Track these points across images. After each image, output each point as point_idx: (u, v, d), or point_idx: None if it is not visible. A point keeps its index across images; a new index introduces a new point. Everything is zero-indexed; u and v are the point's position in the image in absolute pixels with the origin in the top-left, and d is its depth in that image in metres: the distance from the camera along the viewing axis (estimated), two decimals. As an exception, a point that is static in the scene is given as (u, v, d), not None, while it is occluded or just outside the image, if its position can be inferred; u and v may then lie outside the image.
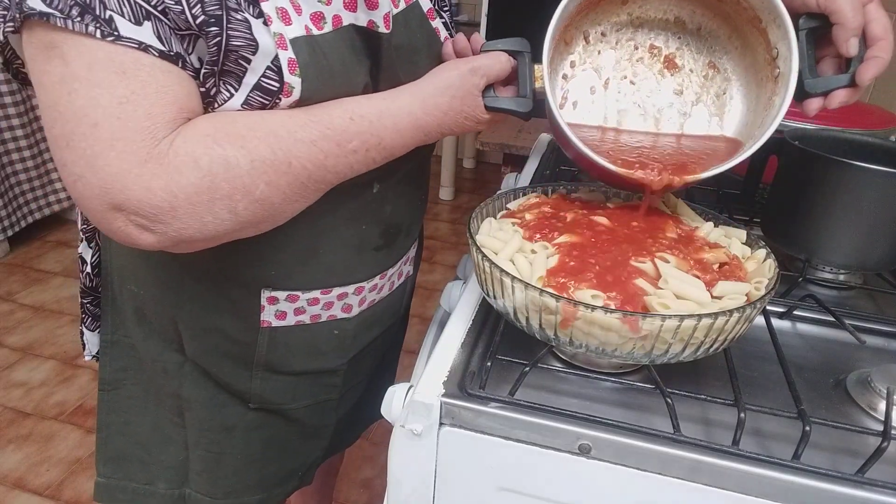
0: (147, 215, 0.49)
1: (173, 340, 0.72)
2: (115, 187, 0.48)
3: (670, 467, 0.49)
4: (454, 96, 0.61)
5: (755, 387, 0.59)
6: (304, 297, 0.69)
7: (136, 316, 0.72)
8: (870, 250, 0.71)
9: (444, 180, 3.29)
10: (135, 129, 0.48)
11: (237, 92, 0.53)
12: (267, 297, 0.67)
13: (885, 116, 0.93)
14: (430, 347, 0.74)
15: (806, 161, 0.72)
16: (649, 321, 0.48)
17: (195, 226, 0.51)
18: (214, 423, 0.75)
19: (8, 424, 1.68)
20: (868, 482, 0.47)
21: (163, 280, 0.68)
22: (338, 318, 0.73)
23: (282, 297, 0.68)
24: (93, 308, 0.77)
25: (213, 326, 0.69)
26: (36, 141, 2.48)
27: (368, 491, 1.54)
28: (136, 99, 0.48)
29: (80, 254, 0.74)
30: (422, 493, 0.57)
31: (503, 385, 0.55)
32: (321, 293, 0.69)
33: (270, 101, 0.54)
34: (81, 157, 0.48)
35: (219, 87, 0.53)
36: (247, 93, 0.53)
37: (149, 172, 0.48)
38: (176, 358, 0.72)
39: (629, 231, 0.62)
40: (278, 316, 0.69)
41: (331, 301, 0.71)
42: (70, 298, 2.23)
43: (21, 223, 2.48)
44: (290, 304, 0.69)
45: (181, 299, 0.68)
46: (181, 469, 0.79)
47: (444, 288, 0.81)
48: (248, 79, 0.53)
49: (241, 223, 0.53)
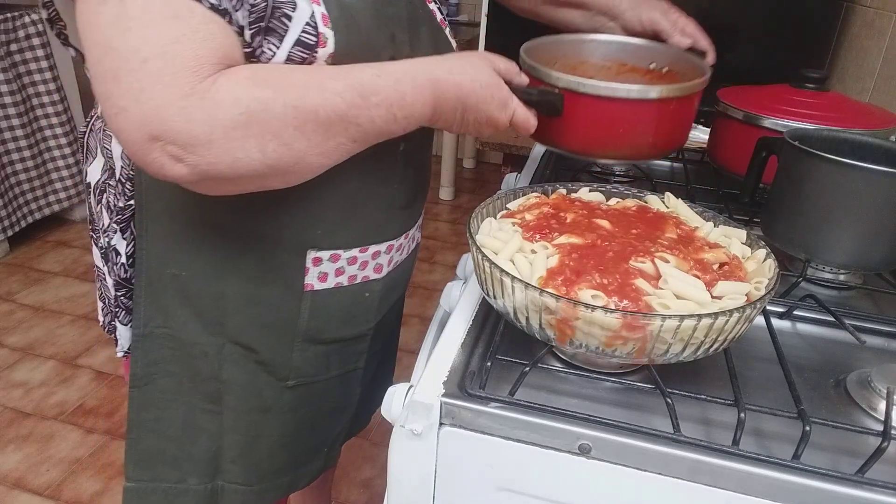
0: (184, 145, 0.52)
1: (215, 321, 0.73)
2: (157, 118, 0.51)
3: (670, 467, 0.49)
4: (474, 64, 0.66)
5: (755, 387, 0.59)
6: (344, 255, 0.73)
7: (178, 300, 0.73)
8: (870, 250, 0.71)
9: (444, 180, 3.29)
10: (182, 67, 0.51)
11: (279, 49, 0.58)
12: (312, 259, 0.71)
13: (885, 116, 0.93)
14: (430, 347, 0.74)
15: (806, 161, 0.72)
16: (649, 321, 0.48)
17: (227, 160, 0.54)
18: (252, 405, 0.77)
19: (8, 424, 1.68)
20: (868, 482, 0.47)
21: (207, 257, 0.70)
22: (370, 279, 0.78)
23: (325, 257, 0.72)
24: (126, 301, 0.76)
25: (258, 297, 0.72)
26: (36, 141, 2.47)
27: (368, 491, 1.54)
28: (185, 41, 0.51)
29: (114, 246, 0.73)
30: (422, 493, 0.57)
31: (503, 385, 0.55)
32: (359, 251, 0.74)
33: (309, 55, 0.59)
34: (128, 91, 0.51)
35: (262, 46, 0.58)
36: (288, 49, 0.58)
37: (192, 105, 0.51)
38: (216, 340, 0.74)
39: (629, 231, 0.62)
40: (320, 278, 0.73)
41: (366, 260, 0.76)
42: (70, 298, 2.23)
43: (21, 223, 2.48)
44: (332, 265, 0.73)
45: (226, 272, 0.71)
46: (212, 461, 0.80)
47: (444, 288, 0.81)
48: (289, 36, 0.58)
49: (268, 166, 0.56)
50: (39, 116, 2.48)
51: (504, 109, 0.68)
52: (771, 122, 0.91)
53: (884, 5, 1.45)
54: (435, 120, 0.66)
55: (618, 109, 0.72)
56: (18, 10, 2.35)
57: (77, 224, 2.75)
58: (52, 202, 2.60)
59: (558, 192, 0.71)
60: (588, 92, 0.71)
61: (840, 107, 0.94)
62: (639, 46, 0.87)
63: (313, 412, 0.82)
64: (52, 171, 2.57)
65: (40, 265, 2.43)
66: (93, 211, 0.77)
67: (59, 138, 2.54)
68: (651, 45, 0.87)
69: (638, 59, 0.87)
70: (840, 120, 0.89)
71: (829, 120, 0.89)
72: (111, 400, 1.78)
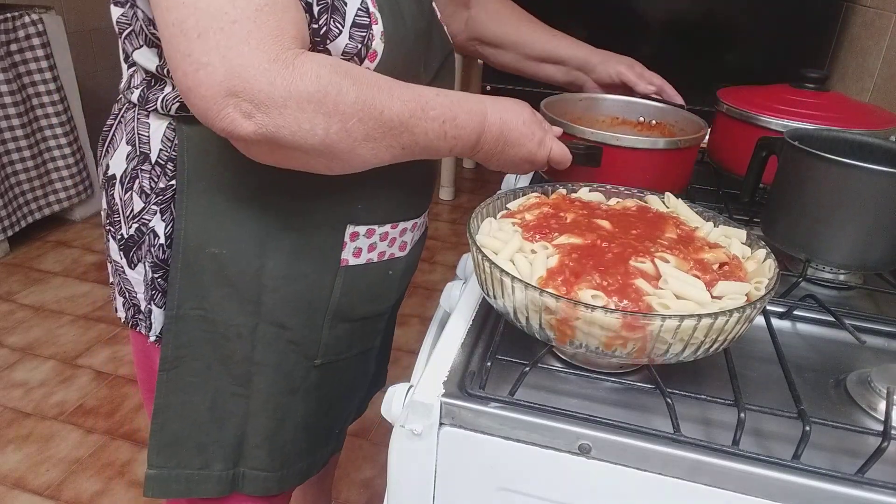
0: (259, 104, 0.56)
1: (251, 300, 0.75)
2: (241, 76, 0.55)
3: (670, 467, 0.49)
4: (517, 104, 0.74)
5: (755, 387, 0.59)
6: (378, 231, 0.79)
7: (215, 280, 0.74)
8: (870, 250, 0.71)
9: (444, 180, 3.29)
10: (268, 33, 0.55)
11: (343, 28, 0.63)
12: (350, 233, 0.76)
13: (885, 116, 0.93)
14: (430, 347, 0.74)
15: (806, 161, 0.72)
16: (649, 321, 0.48)
17: (292, 128, 0.57)
18: (281, 387, 0.80)
19: (8, 424, 1.68)
20: (868, 482, 0.47)
21: (248, 235, 0.73)
22: (395, 256, 0.82)
23: (362, 232, 0.77)
24: (163, 283, 0.77)
25: (296, 273, 0.75)
26: (36, 141, 2.48)
27: (368, 491, 1.54)
28: (269, 10, 0.56)
29: (152, 228, 0.74)
30: (422, 493, 0.57)
31: (503, 385, 0.55)
32: (391, 227, 0.80)
33: (365, 35, 0.64)
34: (215, 48, 0.54)
35: (329, 25, 0.62)
36: (349, 28, 0.63)
37: (276, 70, 0.55)
38: (251, 321, 0.76)
39: (629, 231, 0.62)
40: (355, 254, 0.78)
41: (395, 237, 0.81)
42: (70, 298, 2.23)
43: (21, 223, 2.48)
44: (367, 240, 0.78)
45: (267, 249, 0.73)
46: (237, 447, 0.82)
47: (444, 288, 0.81)
48: (348, 15, 0.63)
49: (326, 145, 0.60)
50: (39, 116, 2.48)
51: (542, 146, 0.76)
52: (771, 122, 0.91)
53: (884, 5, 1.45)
54: (478, 149, 0.71)
55: (647, 158, 0.87)
56: (18, 10, 2.35)
57: (77, 224, 2.75)
58: (52, 202, 2.60)
59: (558, 192, 0.71)
60: (623, 145, 0.86)
61: (840, 107, 0.94)
62: (629, 102, 1.04)
63: (333, 392, 0.86)
64: (52, 171, 2.57)
65: (40, 265, 2.43)
66: (114, 202, 0.77)
67: (59, 138, 2.54)
68: (639, 102, 1.04)
69: (629, 114, 1.04)
70: (840, 120, 0.89)
71: (829, 120, 0.89)
72: (111, 400, 1.78)
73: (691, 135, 0.90)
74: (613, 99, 1.06)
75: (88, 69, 3.26)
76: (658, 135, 1.02)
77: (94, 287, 2.31)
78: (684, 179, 0.94)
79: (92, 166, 2.75)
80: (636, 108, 1.05)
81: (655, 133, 1.03)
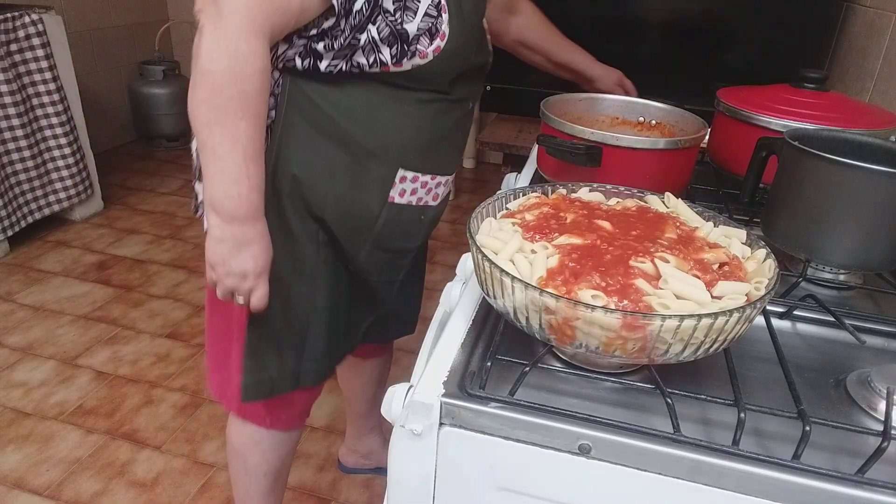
0: None
1: (317, 217, 0.92)
2: None
3: (670, 467, 0.49)
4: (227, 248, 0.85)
5: (755, 387, 0.59)
6: (421, 178, 0.93)
7: (294, 193, 0.91)
8: (870, 250, 0.71)
9: (444, 180, 3.28)
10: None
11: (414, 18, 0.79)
12: (400, 176, 0.91)
13: (885, 116, 0.93)
14: (430, 347, 0.74)
15: (806, 161, 0.72)
16: (649, 321, 0.48)
17: None
18: (333, 281, 0.98)
19: (8, 424, 1.68)
20: (868, 482, 0.47)
21: (324, 162, 0.89)
22: (428, 204, 0.97)
23: (409, 177, 0.92)
24: None
25: (354, 199, 0.91)
26: (36, 141, 2.47)
27: (368, 491, 1.54)
28: None
29: None
30: (422, 493, 0.57)
31: (503, 385, 0.55)
32: (430, 178, 0.95)
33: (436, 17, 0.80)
34: None
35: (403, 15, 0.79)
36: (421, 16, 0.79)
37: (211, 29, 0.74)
38: (314, 226, 0.93)
39: (629, 232, 0.62)
40: (400, 194, 0.93)
41: (431, 187, 0.96)
42: (70, 298, 2.23)
43: (21, 223, 2.48)
44: (412, 185, 0.93)
45: (336, 177, 0.90)
46: (301, 345, 1.00)
47: (444, 288, 0.81)
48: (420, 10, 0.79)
49: None
50: (39, 116, 2.48)
51: (236, 278, 0.86)
52: (771, 122, 0.91)
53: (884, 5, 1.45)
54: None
55: (647, 158, 0.88)
56: (18, 10, 2.35)
57: (77, 224, 2.75)
58: (52, 202, 2.60)
59: (558, 192, 0.71)
60: (623, 145, 0.86)
61: (840, 107, 0.94)
62: (629, 102, 1.07)
63: (361, 295, 1.04)
64: (52, 171, 2.57)
65: (40, 265, 2.43)
66: None
67: (59, 138, 2.54)
68: (639, 102, 1.06)
69: (629, 114, 1.06)
70: (840, 120, 0.89)
71: (829, 120, 0.89)
72: (111, 400, 1.78)
73: (691, 135, 0.90)
74: (613, 99, 1.07)
75: (88, 69, 3.26)
76: (658, 135, 1.02)
77: (94, 287, 2.31)
78: (684, 179, 0.94)
79: (92, 166, 2.74)
80: (636, 108, 1.05)
81: (655, 133, 1.03)
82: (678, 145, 0.87)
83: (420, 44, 0.81)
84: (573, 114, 1.03)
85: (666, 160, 0.89)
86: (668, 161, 0.89)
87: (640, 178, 0.87)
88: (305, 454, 1.62)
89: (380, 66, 0.82)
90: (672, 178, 0.90)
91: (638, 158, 0.87)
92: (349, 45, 0.80)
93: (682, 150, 0.88)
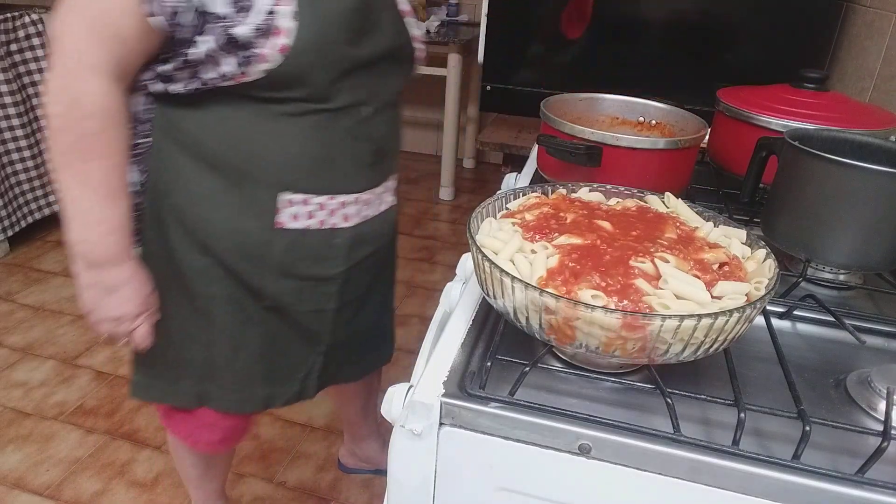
0: None
1: (204, 246, 0.87)
2: None
3: (670, 467, 0.49)
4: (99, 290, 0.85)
5: (755, 387, 0.59)
6: (316, 200, 0.86)
7: (177, 224, 0.86)
8: (870, 250, 0.71)
9: (444, 180, 3.28)
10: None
11: None
12: (286, 200, 0.85)
13: (885, 116, 0.93)
14: (430, 347, 0.74)
15: (806, 161, 0.72)
16: (649, 321, 0.48)
17: None
18: (235, 319, 0.92)
19: (8, 424, 1.68)
20: (868, 482, 0.47)
21: (201, 189, 0.84)
22: (337, 227, 0.90)
23: (297, 200, 0.85)
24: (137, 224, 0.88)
25: (240, 227, 0.85)
26: (36, 141, 2.47)
27: (368, 491, 1.54)
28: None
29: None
30: (422, 493, 0.57)
31: (503, 385, 0.55)
32: (328, 199, 0.87)
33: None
34: None
35: None
36: None
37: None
38: (206, 261, 0.88)
39: (629, 233, 0.62)
40: (293, 217, 0.86)
41: (334, 208, 0.88)
42: (70, 298, 2.23)
43: (21, 223, 2.48)
44: (304, 208, 0.86)
45: (217, 205, 0.85)
46: (204, 367, 0.95)
47: (444, 288, 0.81)
48: None
49: None
50: (39, 116, 2.48)
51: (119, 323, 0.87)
52: (771, 122, 0.91)
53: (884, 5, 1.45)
54: None
55: (647, 158, 0.87)
56: (18, 10, 2.35)
57: (77, 224, 2.75)
58: (52, 202, 2.60)
59: (558, 192, 0.71)
60: (623, 145, 0.86)
61: (840, 107, 0.94)
62: (629, 102, 1.05)
63: (287, 336, 0.96)
64: (52, 171, 2.57)
65: (40, 265, 2.43)
66: None
67: (59, 138, 2.54)
68: (639, 102, 1.05)
69: (629, 114, 1.05)
70: (840, 120, 0.89)
71: (829, 120, 0.89)
72: (111, 400, 1.78)
73: (691, 135, 0.90)
74: (613, 99, 1.07)
75: (88, 69, 3.25)
76: (658, 135, 1.02)
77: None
78: (684, 179, 0.94)
79: (92, 166, 2.74)
80: (636, 108, 1.05)
81: (655, 133, 1.03)
82: (678, 145, 0.87)
83: (256, 46, 0.72)
84: (573, 114, 1.03)
85: (666, 160, 0.88)
86: (668, 161, 0.89)
87: (640, 178, 0.87)
88: (305, 454, 1.62)
89: (232, 79, 0.75)
90: (672, 178, 0.90)
91: (638, 158, 0.87)
92: (186, 63, 0.74)
93: (682, 150, 0.88)
